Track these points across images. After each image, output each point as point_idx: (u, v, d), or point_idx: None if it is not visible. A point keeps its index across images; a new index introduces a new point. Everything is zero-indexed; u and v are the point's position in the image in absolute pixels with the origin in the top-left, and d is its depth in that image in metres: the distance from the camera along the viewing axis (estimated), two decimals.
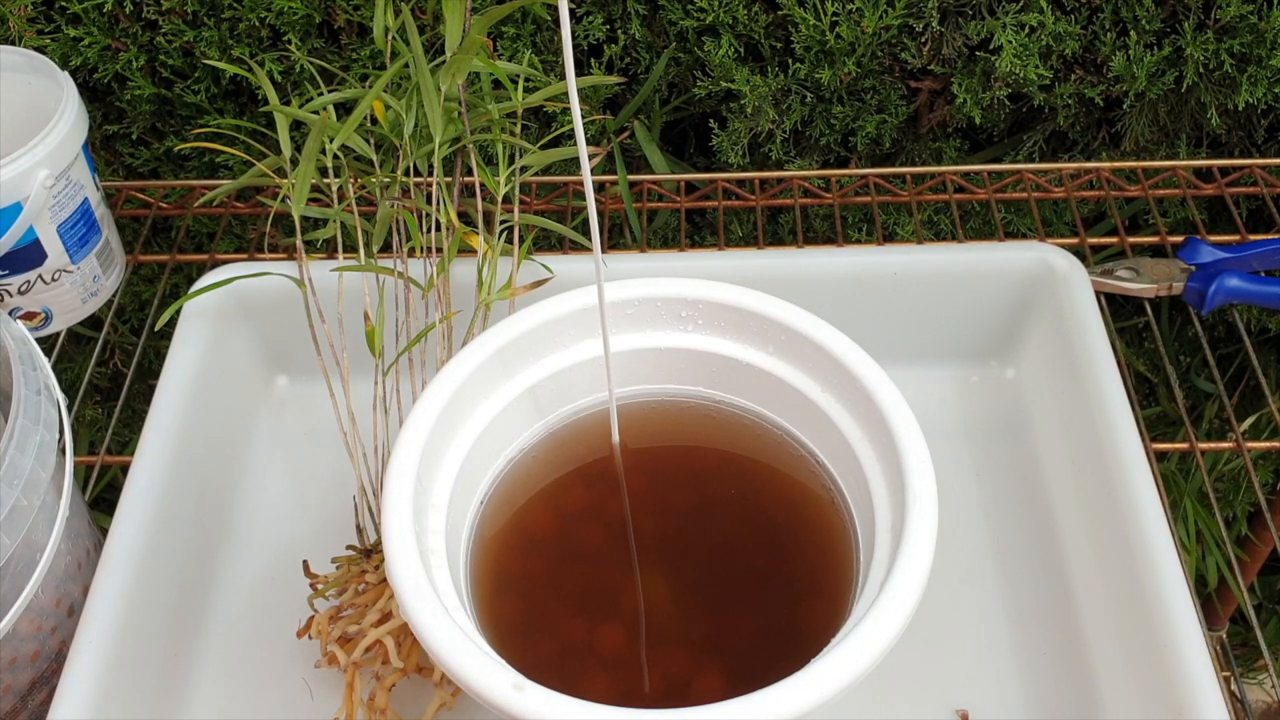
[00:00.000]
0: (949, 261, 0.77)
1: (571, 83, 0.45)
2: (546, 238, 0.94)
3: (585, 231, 0.79)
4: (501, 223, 0.70)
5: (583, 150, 0.47)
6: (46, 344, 0.79)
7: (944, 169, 0.90)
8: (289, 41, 0.88)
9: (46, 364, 0.64)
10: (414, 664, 0.62)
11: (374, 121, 0.70)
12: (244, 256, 0.84)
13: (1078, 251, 0.81)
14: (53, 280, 0.79)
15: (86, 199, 0.79)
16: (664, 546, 0.59)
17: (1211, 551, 1.03)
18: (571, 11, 0.88)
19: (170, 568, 0.67)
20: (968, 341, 0.79)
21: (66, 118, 0.76)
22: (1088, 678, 0.65)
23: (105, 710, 0.59)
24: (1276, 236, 0.84)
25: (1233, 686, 0.84)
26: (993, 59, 0.85)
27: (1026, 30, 0.84)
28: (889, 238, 0.96)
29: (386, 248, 0.74)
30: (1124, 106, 0.88)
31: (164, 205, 0.91)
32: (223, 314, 0.75)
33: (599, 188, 0.90)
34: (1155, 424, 1.04)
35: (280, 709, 0.65)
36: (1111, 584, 0.65)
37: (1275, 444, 0.79)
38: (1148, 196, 0.89)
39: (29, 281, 0.78)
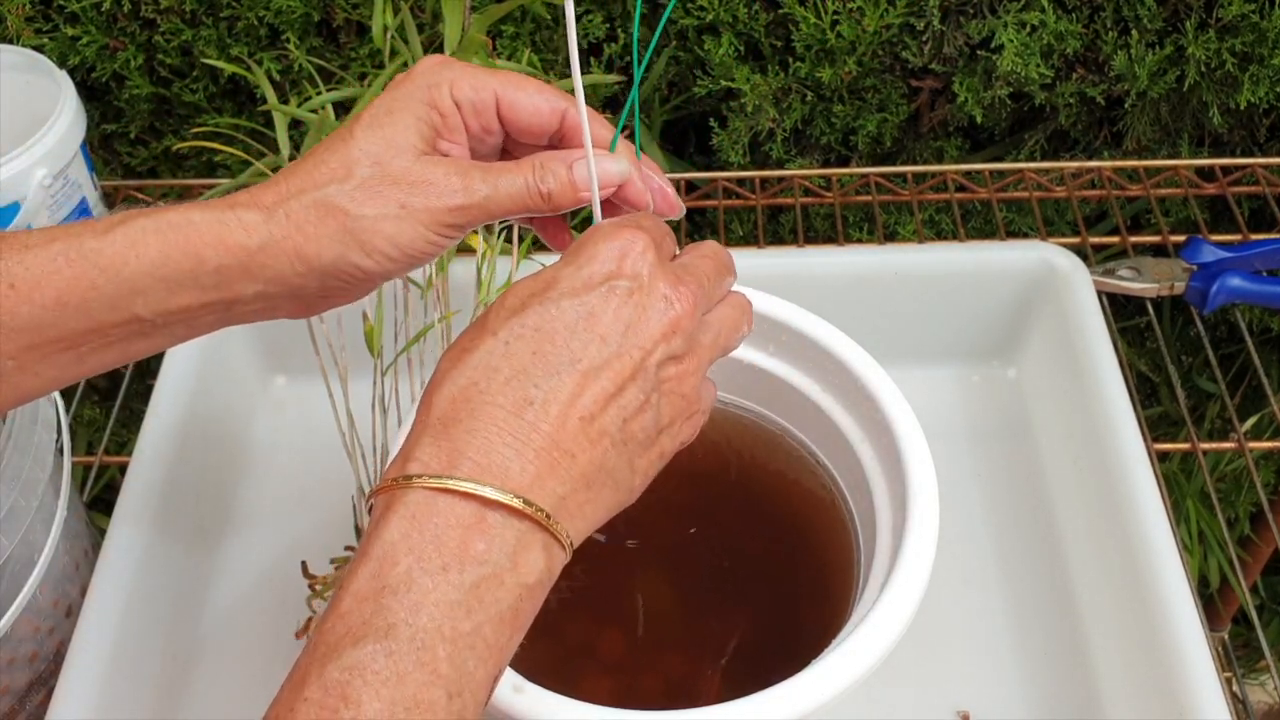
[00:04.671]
0: (950, 261, 0.77)
1: (578, 83, 0.45)
2: None
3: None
4: (500, 222, 0.70)
5: (588, 143, 0.46)
6: None
7: (945, 168, 0.90)
8: (287, 40, 0.88)
9: None
10: None
11: None
12: None
13: (1079, 251, 0.81)
14: None
15: (84, 198, 0.79)
16: (664, 547, 0.59)
17: (1213, 552, 1.02)
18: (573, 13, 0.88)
19: (168, 568, 0.67)
20: (969, 341, 0.79)
21: (64, 117, 0.76)
22: (1089, 678, 0.64)
23: (103, 711, 0.59)
24: (1278, 236, 0.83)
25: (1234, 687, 0.84)
26: (994, 58, 0.85)
27: (1028, 29, 0.84)
28: (890, 237, 0.96)
29: None
30: (1125, 105, 0.88)
31: (162, 204, 0.91)
32: None
33: None
34: (1157, 424, 1.04)
35: None
36: (1113, 584, 0.65)
37: (1277, 444, 0.78)
38: (1149, 196, 0.88)
39: None
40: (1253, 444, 0.76)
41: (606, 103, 0.94)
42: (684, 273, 0.44)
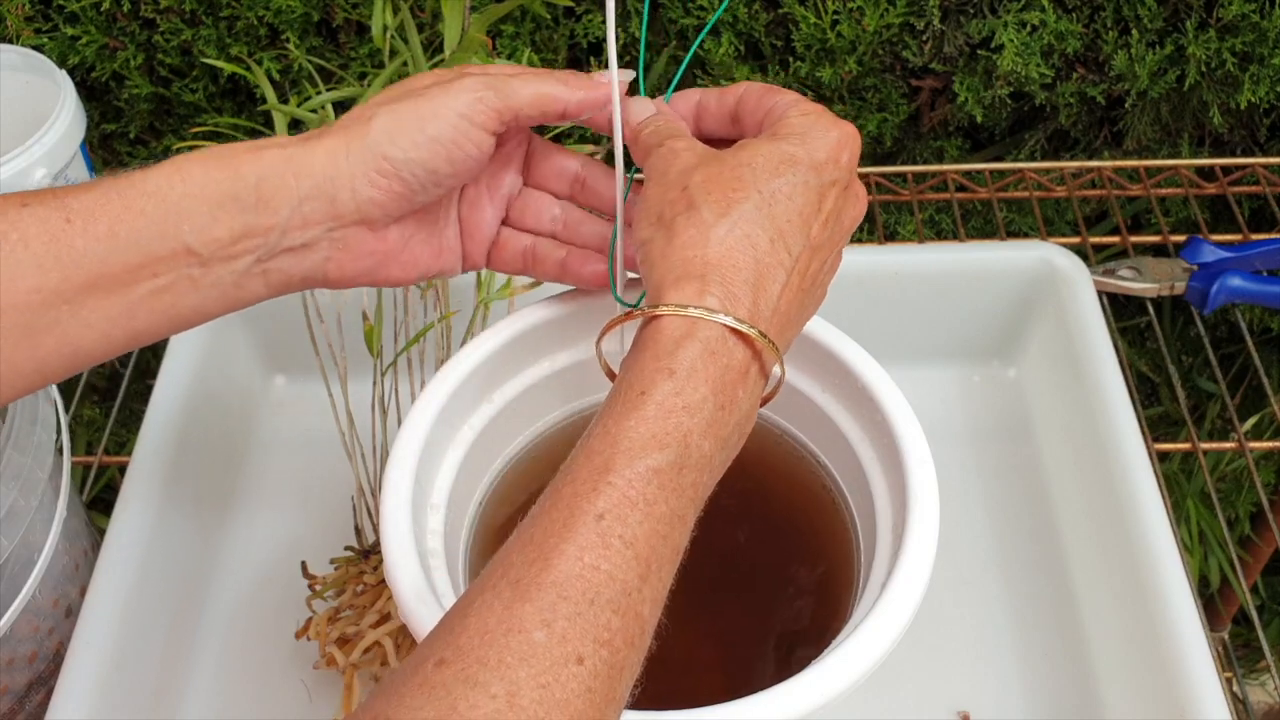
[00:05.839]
0: (950, 261, 0.77)
1: (614, 76, 0.45)
2: None
3: None
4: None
5: (618, 138, 0.47)
6: None
7: (945, 168, 0.90)
8: (287, 40, 0.88)
9: None
10: None
11: None
12: None
13: (1079, 251, 0.81)
14: None
15: None
16: None
17: (1214, 552, 1.02)
18: (571, 9, 0.88)
19: (168, 568, 0.67)
20: (969, 341, 0.79)
21: (64, 117, 0.76)
22: (1089, 678, 0.64)
23: (103, 711, 0.59)
24: (1279, 236, 0.83)
25: (1235, 687, 0.84)
26: (994, 57, 0.85)
27: (1028, 29, 0.84)
28: (890, 237, 0.96)
29: None
30: (1126, 105, 0.88)
31: None
32: None
33: None
34: (1157, 424, 1.04)
35: (278, 711, 0.65)
36: (1113, 584, 0.65)
37: (1277, 444, 0.78)
38: (1150, 195, 0.88)
39: None
40: (1253, 444, 0.76)
41: None
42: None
